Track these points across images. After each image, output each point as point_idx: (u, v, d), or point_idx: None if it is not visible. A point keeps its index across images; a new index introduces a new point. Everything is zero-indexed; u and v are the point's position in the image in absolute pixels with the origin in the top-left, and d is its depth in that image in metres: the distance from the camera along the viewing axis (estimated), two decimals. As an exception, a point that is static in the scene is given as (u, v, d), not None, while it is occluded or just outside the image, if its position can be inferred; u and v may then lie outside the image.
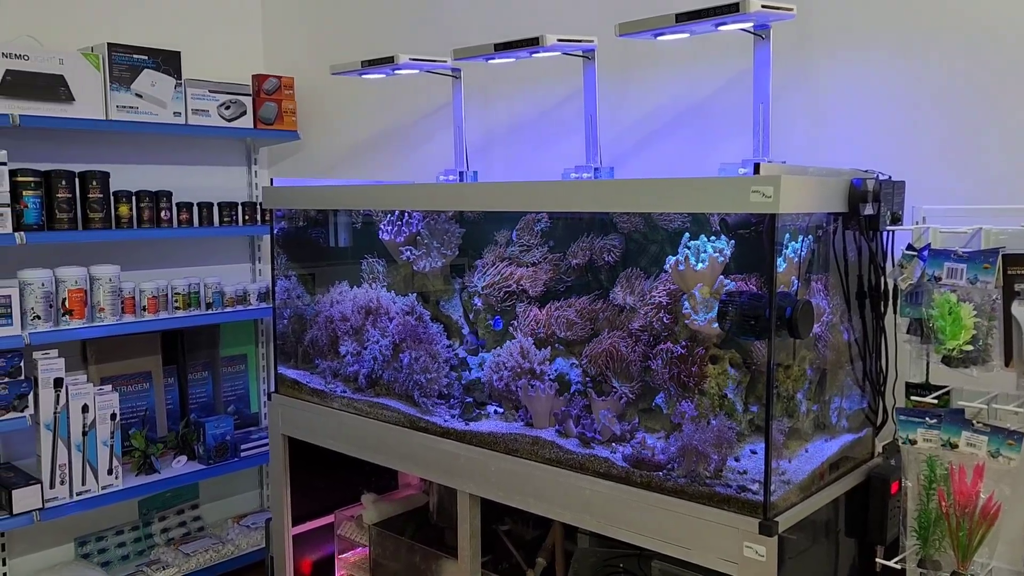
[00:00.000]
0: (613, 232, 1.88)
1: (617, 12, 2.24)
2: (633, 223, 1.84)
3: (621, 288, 1.82)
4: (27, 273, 2.53)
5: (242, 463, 3.06)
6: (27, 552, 2.81)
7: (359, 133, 3.02)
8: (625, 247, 1.86)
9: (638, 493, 1.57)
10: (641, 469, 1.59)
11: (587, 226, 1.92)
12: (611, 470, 1.63)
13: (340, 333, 2.24)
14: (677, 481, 1.54)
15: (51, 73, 2.51)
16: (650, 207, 1.63)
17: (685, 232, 1.69)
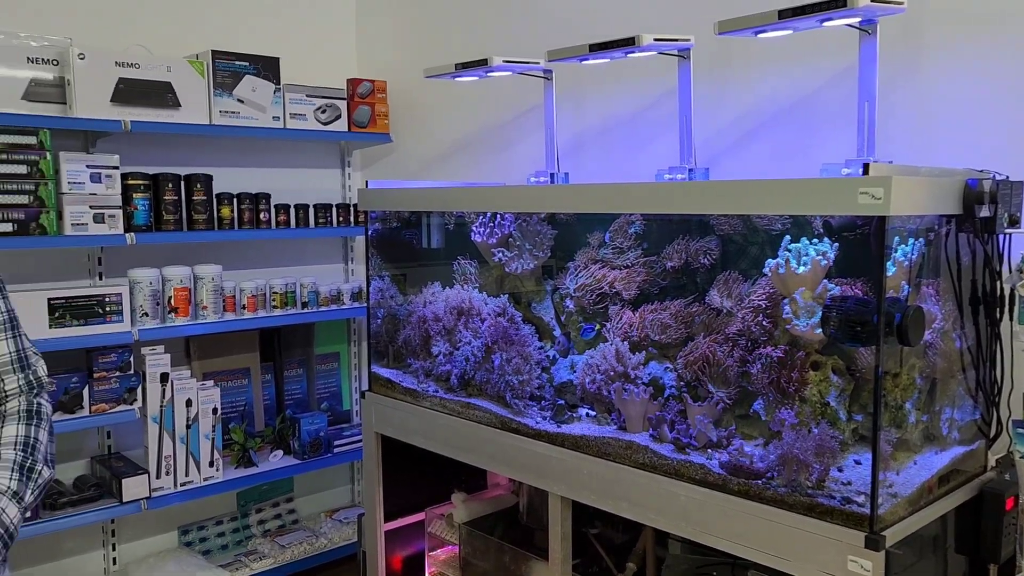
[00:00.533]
0: (709, 234, 1.84)
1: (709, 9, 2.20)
2: (731, 225, 1.80)
3: (718, 291, 1.78)
4: (136, 272, 2.66)
5: (335, 459, 3.14)
6: (134, 538, 2.95)
7: (450, 134, 3.05)
8: (722, 249, 1.82)
9: (736, 501, 1.54)
10: (739, 477, 1.55)
11: (682, 228, 1.89)
12: (707, 477, 1.60)
13: (432, 333, 2.27)
14: (777, 490, 1.50)
15: (159, 80, 2.62)
16: (751, 209, 1.59)
17: (785, 234, 1.65)
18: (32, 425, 1.48)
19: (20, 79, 2.39)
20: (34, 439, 1.47)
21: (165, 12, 2.88)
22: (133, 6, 2.81)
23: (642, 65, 2.29)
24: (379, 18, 3.31)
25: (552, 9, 2.65)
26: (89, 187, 2.49)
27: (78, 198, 2.47)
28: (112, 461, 2.76)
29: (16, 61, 2.38)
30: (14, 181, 2.35)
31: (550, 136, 2.40)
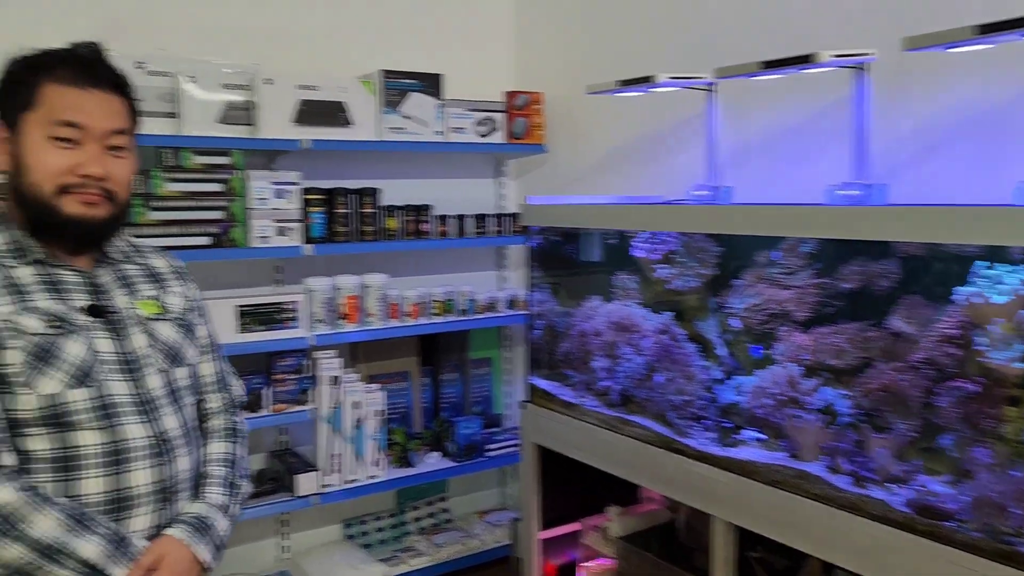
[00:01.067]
0: (890, 255, 1.76)
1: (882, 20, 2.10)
2: (915, 247, 1.71)
3: (900, 317, 1.70)
4: (313, 281, 2.83)
5: (488, 463, 3.22)
6: (303, 529, 3.14)
7: (605, 145, 3.06)
8: (904, 271, 1.74)
9: (922, 543, 1.47)
10: (926, 517, 1.48)
11: (860, 249, 1.81)
12: (889, 514, 1.54)
13: (592, 348, 2.29)
14: (970, 534, 1.42)
15: (334, 100, 2.78)
16: (948, 238, 1.50)
17: (979, 259, 1.55)
18: (234, 443, 1.61)
19: (216, 103, 2.60)
20: (237, 456, 1.60)
21: (340, 35, 3.05)
22: (313, 31, 2.99)
23: (810, 77, 2.21)
24: (537, 31, 3.36)
25: (715, 21, 2.60)
26: (272, 202, 2.67)
27: (263, 212, 2.65)
28: (287, 457, 2.95)
29: (213, 87, 2.59)
30: (210, 198, 2.56)
31: (712, 150, 2.36)
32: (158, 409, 1.45)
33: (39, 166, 1.36)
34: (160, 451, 1.43)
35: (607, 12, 3.00)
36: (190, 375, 1.55)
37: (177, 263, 1.66)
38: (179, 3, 2.74)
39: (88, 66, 1.40)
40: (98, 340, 1.41)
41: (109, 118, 1.40)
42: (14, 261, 1.39)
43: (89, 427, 1.36)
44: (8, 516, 1.26)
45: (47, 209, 1.37)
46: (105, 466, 1.37)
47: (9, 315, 1.33)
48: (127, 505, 1.39)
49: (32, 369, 1.33)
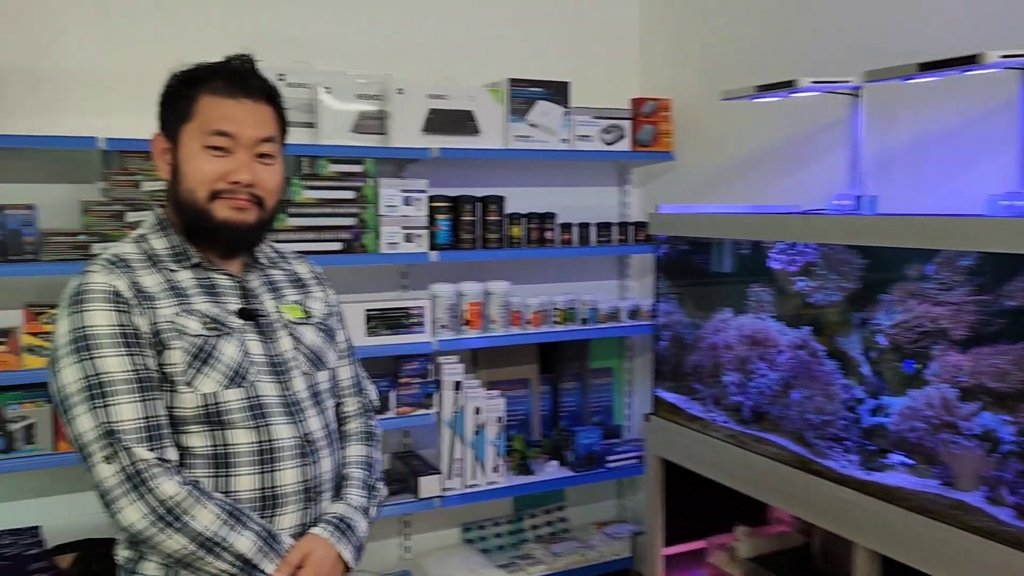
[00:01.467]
0: (1063, 272, 1.62)
1: None
2: (1092, 263, 1.57)
3: (1073, 338, 1.56)
4: (437, 287, 2.87)
5: (607, 474, 3.18)
6: (424, 531, 3.19)
7: (737, 153, 2.97)
8: (1079, 290, 1.59)
9: (1102, 587, 1.34)
10: (1107, 559, 1.35)
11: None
12: (1062, 553, 1.41)
13: (723, 361, 2.22)
14: None
15: (463, 109, 2.81)
16: None
17: None
18: (371, 446, 1.64)
19: (350, 113, 2.68)
20: (374, 459, 1.63)
21: (469, 44, 3.09)
22: (442, 41, 3.04)
23: (971, 79, 2.07)
24: (664, 37, 3.30)
25: (854, 23, 2.48)
26: (401, 209, 2.73)
27: (392, 219, 2.71)
28: (410, 459, 3.00)
29: (348, 97, 2.67)
30: (343, 205, 2.64)
31: (856, 157, 2.25)
32: (303, 411, 1.49)
33: (194, 173, 1.43)
34: (305, 452, 1.47)
35: (738, 15, 2.92)
36: (330, 379, 1.59)
37: (317, 269, 1.71)
38: (318, 19, 2.85)
39: (240, 77, 1.47)
40: (249, 342, 1.46)
41: (258, 127, 1.46)
42: (175, 265, 1.46)
43: (242, 426, 1.42)
44: (173, 508, 1.33)
45: (201, 214, 1.44)
46: (256, 464, 1.42)
47: (173, 317, 1.40)
48: (275, 503, 1.44)
49: (192, 369, 1.39)
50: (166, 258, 1.47)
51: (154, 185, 2.45)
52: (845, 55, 2.50)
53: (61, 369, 1.35)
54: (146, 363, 1.37)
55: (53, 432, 2.40)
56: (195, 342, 1.40)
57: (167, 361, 1.39)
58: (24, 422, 2.36)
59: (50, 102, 2.51)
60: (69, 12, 2.53)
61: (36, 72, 2.49)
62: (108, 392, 1.33)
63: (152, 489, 1.32)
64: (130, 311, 1.37)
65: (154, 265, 1.45)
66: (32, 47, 2.49)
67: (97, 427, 1.32)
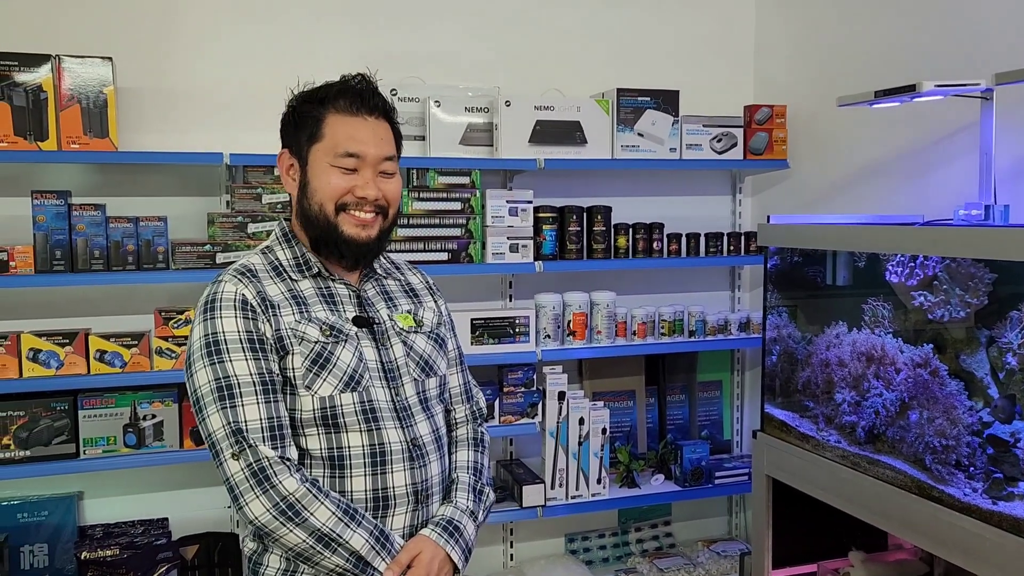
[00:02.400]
0: None
1: None
2: None
3: None
4: (542, 297, 2.88)
5: (715, 490, 3.10)
6: (527, 539, 3.20)
7: (854, 160, 2.84)
8: None
9: None
10: None
11: None
12: None
13: (836, 379, 2.12)
14: None
15: (569, 120, 2.82)
16: None
17: None
18: (479, 452, 1.67)
19: (459, 125, 2.74)
20: (482, 464, 1.66)
21: (577, 55, 3.09)
22: (550, 52, 3.06)
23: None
24: (778, 42, 3.20)
25: (978, 24, 2.33)
26: (507, 220, 2.76)
27: (498, 230, 2.75)
28: (514, 467, 3.03)
29: (457, 110, 2.73)
30: (450, 216, 2.70)
31: (987, 164, 2.11)
32: (413, 416, 1.54)
33: (324, 188, 1.52)
34: (414, 455, 1.52)
35: (856, 19, 2.79)
36: (439, 385, 1.64)
37: (429, 279, 1.77)
38: (428, 35, 2.92)
39: (362, 97, 1.54)
40: (365, 348, 1.53)
41: (381, 146, 1.54)
42: (297, 275, 1.55)
43: (355, 429, 1.48)
44: (294, 504, 1.39)
45: (328, 227, 1.52)
46: (368, 467, 1.48)
47: (295, 324, 1.49)
48: (386, 504, 1.49)
49: (311, 373, 1.47)
50: (289, 268, 1.56)
51: (274, 198, 2.57)
52: (968, 58, 2.35)
53: (195, 372, 1.45)
54: (270, 367, 1.45)
55: (180, 430, 2.56)
56: (314, 348, 1.47)
57: (288, 365, 1.47)
58: (153, 420, 2.53)
59: (179, 120, 2.69)
60: (195, 35, 2.70)
61: (166, 92, 2.67)
62: (236, 394, 1.41)
63: (275, 485, 1.39)
64: (256, 318, 1.46)
65: (278, 275, 1.54)
66: (162, 68, 2.67)
67: (226, 426, 1.40)
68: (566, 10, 3.08)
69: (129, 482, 2.71)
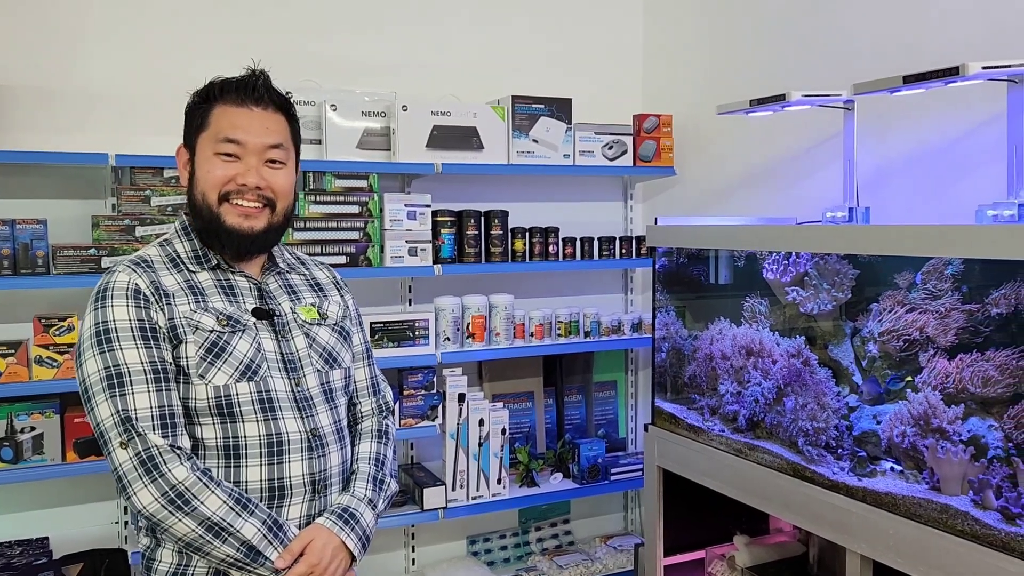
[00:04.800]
0: (1048, 279, 1.64)
1: None
2: (1076, 270, 1.59)
3: (1058, 344, 1.58)
4: (441, 300, 2.92)
5: (611, 486, 3.20)
6: (429, 543, 3.21)
7: (735, 167, 3.01)
8: (1064, 297, 1.61)
9: (1084, 588, 1.35)
10: (1088, 560, 1.36)
11: (1012, 271, 1.70)
12: (1046, 555, 1.42)
13: (720, 371, 2.24)
14: None
15: (466, 126, 2.87)
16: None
17: None
18: (382, 444, 1.69)
19: (356, 129, 2.75)
20: (384, 455, 1.68)
21: (471, 62, 3.15)
22: (446, 59, 3.11)
23: (960, 92, 2.11)
24: (666, 53, 3.36)
25: (851, 38, 2.52)
26: (406, 223, 2.78)
27: (397, 233, 2.77)
28: (415, 470, 3.04)
29: (353, 114, 2.74)
30: (348, 219, 2.70)
31: (849, 170, 2.28)
32: (314, 407, 1.55)
33: (205, 176, 1.52)
34: (312, 445, 1.53)
35: (737, 32, 2.97)
36: (344, 377, 1.65)
37: (336, 275, 1.79)
38: (326, 39, 2.92)
39: (250, 88, 1.54)
40: (263, 339, 1.53)
41: (266, 134, 1.54)
42: (196, 267, 1.55)
43: (251, 419, 1.48)
44: (183, 493, 1.38)
45: (212, 216, 1.52)
46: (264, 456, 1.48)
47: (190, 313, 1.48)
48: (282, 494, 1.49)
49: (205, 362, 1.46)
50: (187, 260, 1.55)
51: (163, 200, 2.52)
52: (839, 70, 2.54)
53: (85, 361, 1.43)
54: (162, 355, 1.44)
55: (62, 443, 2.46)
56: (209, 337, 1.47)
57: (182, 354, 1.46)
58: (32, 433, 2.42)
59: (61, 119, 2.59)
60: (80, 32, 2.61)
61: (47, 90, 2.58)
62: (126, 382, 1.40)
63: (164, 474, 1.37)
64: (148, 307, 1.45)
65: (175, 266, 1.53)
66: (43, 66, 2.58)
67: (115, 414, 1.39)
68: (461, 17, 3.14)
69: (5, 500, 2.59)
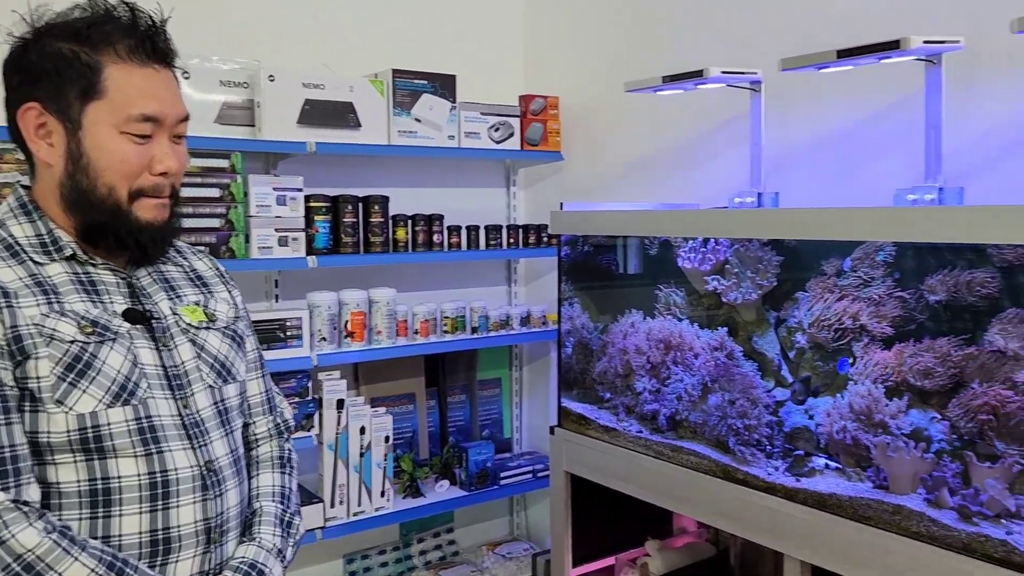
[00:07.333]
0: (985, 264, 1.58)
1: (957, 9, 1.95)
2: (1016, 254, 1.54)
3: (1000, 331, 1.53)
4: (316, 296, 2.60)
5: (501, 491, 3.01)
6: (302, 566, 2.89)
7: (629, 152, 2.88)
8: (1003, 282, 1.56)
9: (1057, 589, 1.28)
10: (1060, 559, 1.30)
11: (947, 256, 1.64)
12: (1011, 556, 1.35)
13: (635, 367, 2.09)
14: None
15: (342, 101, 2.57)
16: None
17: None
18: (286, 474, 1.39)
19: (213, 102, 2.38)
20: (290, 489, 1.38)
21: (347, 32, 2.84)
22: (317, 26, 2.78)
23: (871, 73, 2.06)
24: (549, 32, 3.18)
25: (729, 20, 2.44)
26: (275, 210, 2.45)
27: (264, 221, 2.43)
28: (287, 488, 2.71)
29: (210, 85, 2.37)
30: (207, 204, 2.34)
31: (756, 154, 2.19)
32: (206, 433, 1.24)
33: (114, 165, 1.17)
34: (207, 483, 1.21)
35: (621, 12, 2.83)
36: (239, 393, 1.34)
37: (220, 266, 1.46)
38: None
39: (151, 40, 1.20)
40: (140, 350, 1.20)
41: (178, 103, 1.24)
42: (43, 257, 1.18)
43: (128, 454, 1.15)
44: (33, 564, 1.05)
45: (119, 213, 1.19)
46: (146, 501, 1.15)
47: (40, 319, 1.12)
48: (168, 548, 1.17)
49: (65, 383, 1.12)
50: (30, 248, 1.18)
51: None
52: (735, 53, 2.45)
53: None
54: (0, 378, 1.09)
55: None
56: (69, 349, 1.13)
57: (30, 374, 1.11)
58: None
59: None
60: None
61: None
62: None
63: (5, 541, 1.04)
64: None
65: (15, 257, 1.17)
66: None
67: None
68: (332, -18, 2.82)
69: None
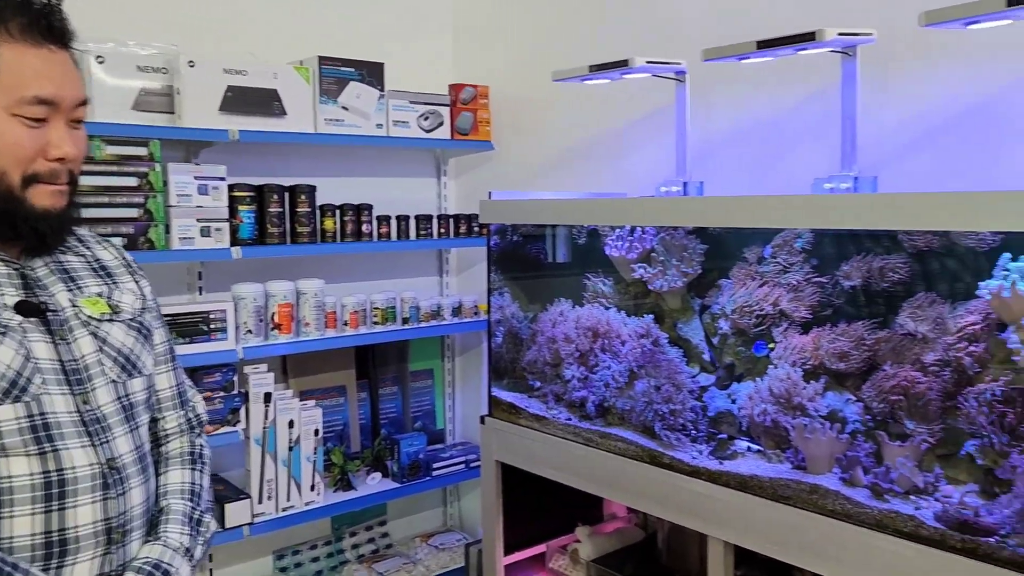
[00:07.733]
0: (897, 250, 1.64)
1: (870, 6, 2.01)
2: (925, 240, 1.60)
3: (910, 315, 1.59)
4: (241, 288, 2.54)
5: (434, 482, 2.99)
6: (231, 563, 2.83)
7: (559, 142, 2.89)
8: (913, 267, 1.63)
9: (960, 561, 1.34)
10: (963, 533, 1.35)
11: (862, 243, 1.69)
12: (919, 530, 1.41)
13: (563, 355, 2.10)
14: (1016, 551, 1.30)
15: (266, 88, 2.51)
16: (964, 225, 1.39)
17: (1003, 251, 1.45)
18: (196, 471, 1.35)
19: (130, 88, 2.29)
20: (200, 486, 1.34)
21: (270, 17, 2.78)
22: (238, 12, 2.71)
23: (791, 64, 2.11)
24: (478, 20, 3.17)
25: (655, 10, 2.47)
26: (196, 199, 2.38)
27: (186, 211, 2.36)
28: (214, 484, 2.64)
29: (126, 70, 2.29)
30: (124, 193, 2.25)
31: (681, 143, 2.22)
32: (108, 430, 1.19)
33: (4, 150, 1.12)
34: (108, 482, 1.17)
35: (550, 2, 2.83)
36: (146, 388, 1.29)
37: (127, 256, 1.40)
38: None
39: (46, 19, 1.15)
40: (34, 344, 1.14)
41: (75, 86, 1.18)
42: None
43: (19, 453, 1.10)
44: None
45: (11, 200, 1.13)
46: (39, 501, 1.11)
47: None
48: (64, 550, 1.12)
49: None
50: None
51: None
52: (661, 44, 2.48)
53: None
54: None
55: None
56: None
57: None
58: None
59: None
60: None
61: None
62: None
63: None
64: None
65: None
66: None
67: None
68: (255, -34, 2.75)
69: None
